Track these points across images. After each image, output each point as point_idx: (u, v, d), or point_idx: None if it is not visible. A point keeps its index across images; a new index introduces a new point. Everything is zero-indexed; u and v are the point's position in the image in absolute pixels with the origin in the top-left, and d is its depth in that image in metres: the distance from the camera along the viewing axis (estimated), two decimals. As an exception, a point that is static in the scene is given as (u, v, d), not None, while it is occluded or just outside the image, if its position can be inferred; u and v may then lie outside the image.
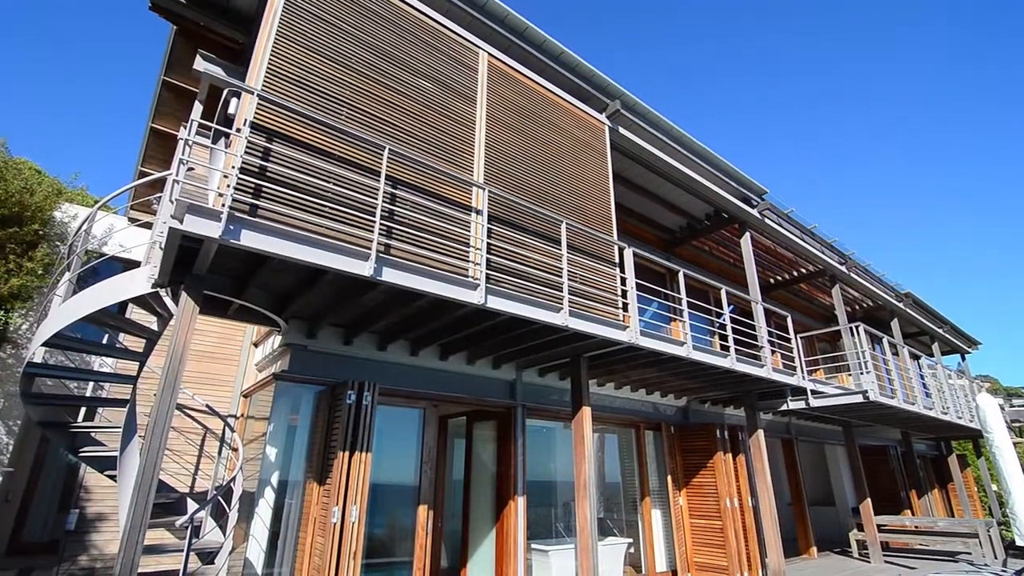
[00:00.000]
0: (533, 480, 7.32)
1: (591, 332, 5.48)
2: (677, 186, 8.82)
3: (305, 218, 3.83)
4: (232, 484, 5.56)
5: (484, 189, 5.04)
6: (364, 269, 3.90)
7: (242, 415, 7.41)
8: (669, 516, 8.60)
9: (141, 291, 4.22)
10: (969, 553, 10.85)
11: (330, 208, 4.00)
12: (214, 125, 3.97)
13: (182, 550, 4.49)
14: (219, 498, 5.45)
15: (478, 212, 5.04)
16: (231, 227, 3.39)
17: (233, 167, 3.56)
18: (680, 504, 8.66)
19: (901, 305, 14.22)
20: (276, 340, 5.98)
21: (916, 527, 11.83)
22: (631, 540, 8.34)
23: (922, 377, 12.20)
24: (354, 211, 4.11)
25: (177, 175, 3.41)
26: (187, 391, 6.76)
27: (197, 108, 5.35)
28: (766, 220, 9.79)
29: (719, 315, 8.24)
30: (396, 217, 4.42)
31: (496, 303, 4.72)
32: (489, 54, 5.92)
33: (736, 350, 7.43)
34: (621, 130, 7.31)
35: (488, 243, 4.97)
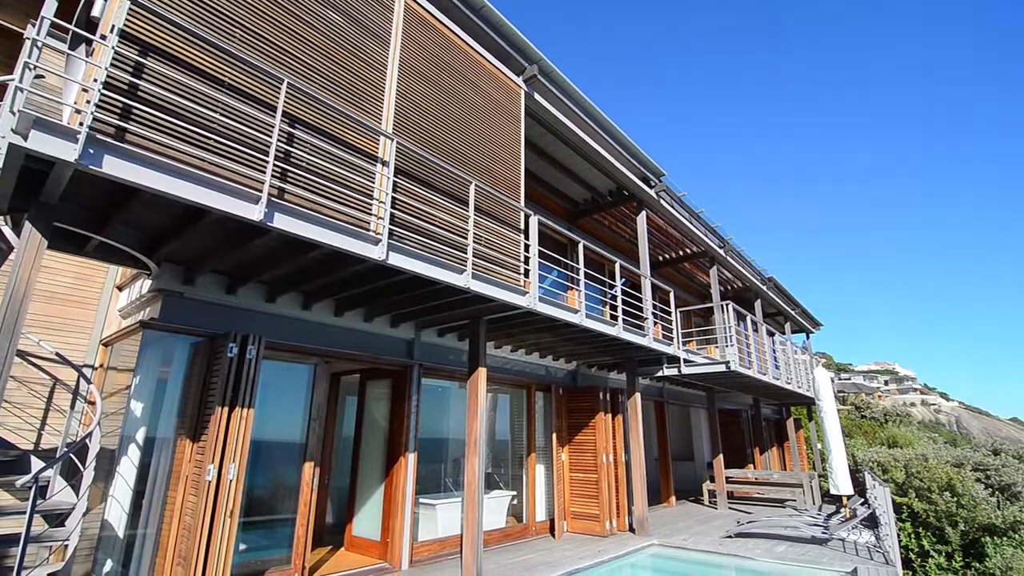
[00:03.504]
0: (425, 437, 7.41)
1: (492, 295, 5.57)
2: (585, 159, 9.06)
3: (185, 150, 3.43)
4: (87, 441, 5.02)
5: (392, 140, 4.82)
6: (253, 213, 3.61)
7: (101, 366, 6.64)
8: (552, 471, 9.17)
9: (-31, 216, 3.57)
10: (795, 500, 12.84)
11: (216, 142, 3.61)
12: (72, 27, 3.37)
13: (25, 512, 4.00)
14: (71, 456, 4.90)
15: (384, 163, 4.83)
16: (91, 151, 2.95)
17: (96, 80, 3.07)
18: (563, 460, 9.27)
19: (765, 288, 16.04)
20: (146, 284, 5.38)
21: (756, 479, 13.72)
22: (515, 493, 8.82)
23: (774, 352, 13.99)
24: (244, 148, 3.75)
25: (21, 81, 2.88)
26: (32, 336, 5.89)
27: (50, 3, 4.49)
28: (661, 201, 10.44)
29: (611, 286, 8.74)
30: (293, 159, 4.11)
31: (398, 260, 4.61)
32: (406, -4, 5.57)
33: (624, 320, 7.97)
34: (536, 96, 7.31)
35: (393, 197, 4.80)
